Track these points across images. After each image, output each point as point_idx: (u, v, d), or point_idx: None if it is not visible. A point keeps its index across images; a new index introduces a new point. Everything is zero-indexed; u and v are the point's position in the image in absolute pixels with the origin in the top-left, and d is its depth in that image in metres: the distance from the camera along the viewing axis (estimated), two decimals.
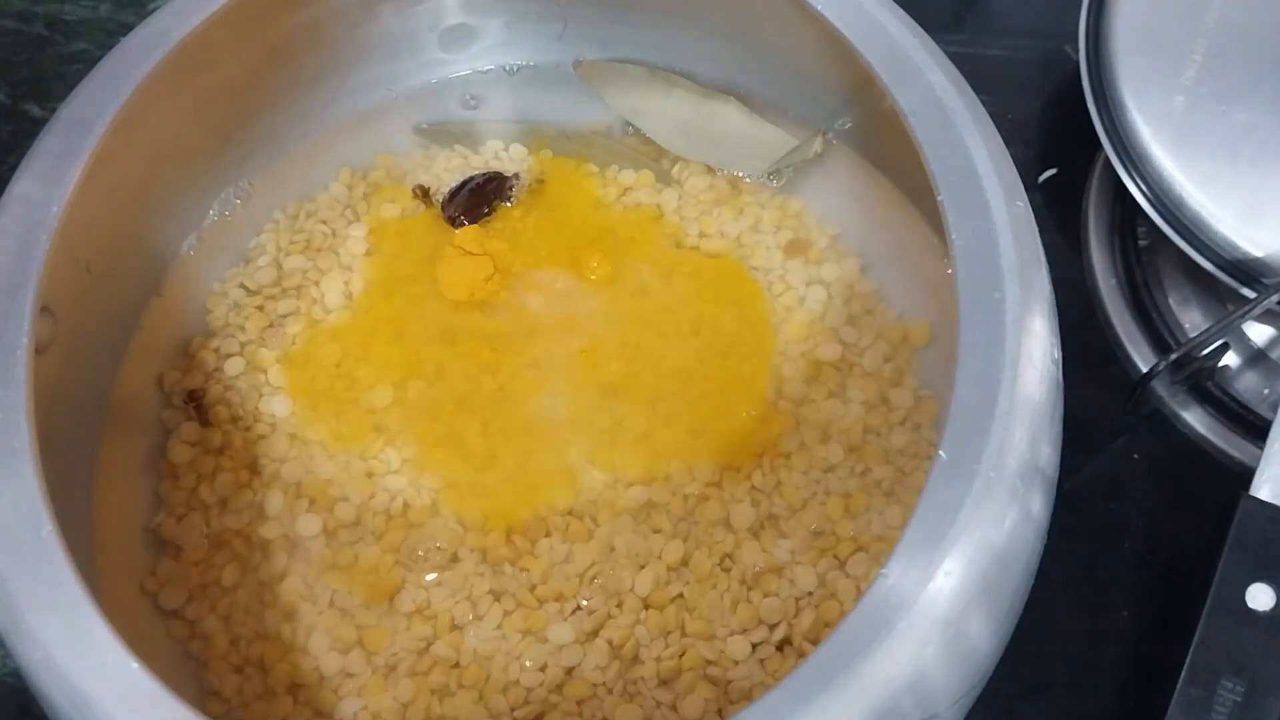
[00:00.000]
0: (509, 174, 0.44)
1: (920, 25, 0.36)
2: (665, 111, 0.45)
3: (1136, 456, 0.43)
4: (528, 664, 0.36)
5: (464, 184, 0.44)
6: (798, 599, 0.36)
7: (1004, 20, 0.53)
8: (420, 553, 0.38)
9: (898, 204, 0.42)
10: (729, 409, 0.39)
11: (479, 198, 0.43)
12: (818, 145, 0.43)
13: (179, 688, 0.28)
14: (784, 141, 0.44)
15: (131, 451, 0.40)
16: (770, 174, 0.43)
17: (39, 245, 0.33)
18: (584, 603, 0.37)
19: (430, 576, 0.37)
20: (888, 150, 0.42)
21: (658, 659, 0.36)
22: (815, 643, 0.34)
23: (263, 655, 0.37)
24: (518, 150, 0.45)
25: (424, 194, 0.44)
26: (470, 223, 0.43)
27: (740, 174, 0.44)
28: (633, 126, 0.45)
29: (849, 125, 0.43)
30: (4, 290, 0.32)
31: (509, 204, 0.44)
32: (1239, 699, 0.33)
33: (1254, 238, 0.39)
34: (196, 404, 0.40)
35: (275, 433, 0.40)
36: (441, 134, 0.46)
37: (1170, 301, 0.44)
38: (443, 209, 0.43)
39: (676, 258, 0.42)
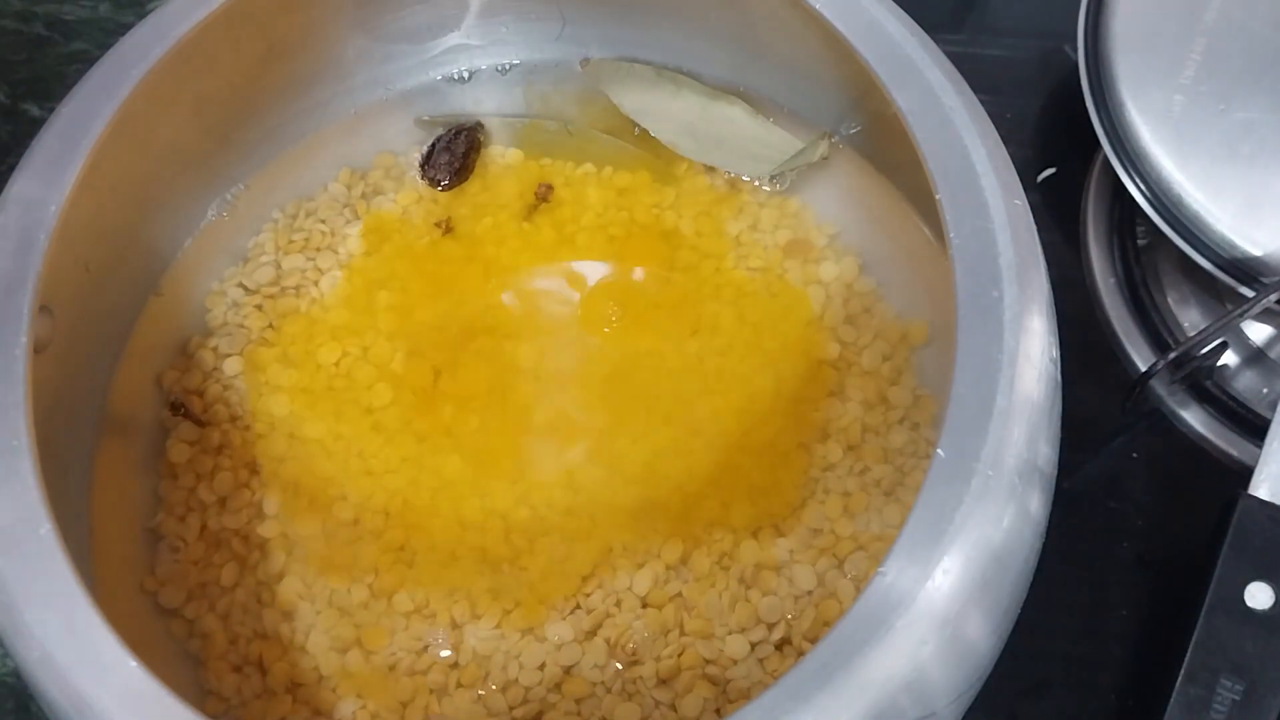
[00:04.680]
0: (470, 124, 0.44)
1: (919, 25, 0.36)
2: (672, 112, 0.45)
3: (1135, 455, 0.43)
4: (526, 663, 0.36)
5: (433, 146, 0.44)
6: (796, 598, 0.36)
7: (1003, 20, 0.53)
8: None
9: (896, 203, 0.42)
10: (727, 408, 0.39)
11: (452, 154, 0.44)
12: (824, 149, 0.43)
13: (177, 687, 0.28)
14: (790, 144, 0.43)
15: (130, 450, 0.40)
16: (774, 177, 0.43)
17: (37, 244, 0.33)
18: (582, 601, 0.37)
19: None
20: (886, 149, 0.42)
21: (656, 658, 0.36)
22: (814, 641, 0.34)
23: (261, 654, 0.37)
24: (515, 155, 0.45)
25: (446, 226, 0.44)
26: (453, 180, 0.43)
27: (746, 176, 0.43)
28: (638, 126, 0.45)
29: (856, 129, 0.43)
30: (2, 289, 0.32)
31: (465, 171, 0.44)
32: (1238, 698, 0.33)
33: (1253, 236, 0.39)
34: (185, 410, 0.40)
35: (274, 432, 0.40)
36: (450, 123, 0.46)
37: (1169, 300, 0.44)
38: (422, 174, 0.44)
39: (675, 258, 0.42)
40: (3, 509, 0.30)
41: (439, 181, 0.44)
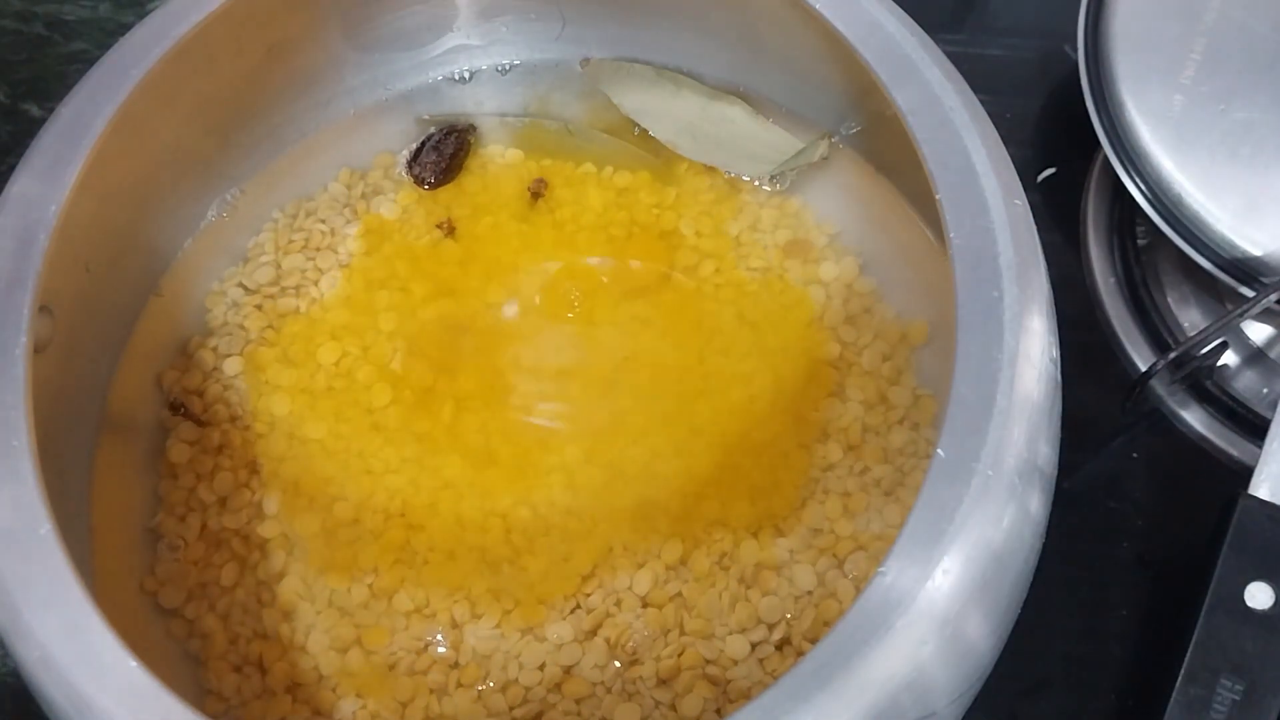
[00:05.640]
0: (462, 125, 0.44)
1: (919, 24, 0.36)
2: (672, 112, 0.45)
3: (1135, 455, 0.43)
4: (526, 663, 0.36)
5: (422, 144, 0.44)
6: (796, 598, 0.36)
7: (1003, 19, 0.53)
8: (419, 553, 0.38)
9: (896, 203, 0.42)
10: (727, 408, 0.39)
11: (440, 154, 0.44)
12: (824, 149, 0.43)
13: (177, 687, 0.28)
14: (790, 144, 0.43)
15: (130, 450, 0.40)
16: (774, 177, 0.43)
17: (38, 244, 0.33)
18: (582, 601, 0.37)
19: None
20: (886, 149, 0.42)
21: (656, 658, 0.36)
22: (814, 641, 0.34)
23: (261, 654, 0.37)
24: (515, 155, 0.45)
25: (449, 227, 0.43)
26: (439, 180, 0.44)
27: (746, 176, 0.43)
28: (638, 126, 0.45)
29: (857, 129, 0.43)
30: (3, 289, 0.32)
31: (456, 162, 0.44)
32: (1238, 698, 0.33)
33: (1252, 236, 0.39)
34: (185, 410, 0.40)
35: (274, 432, 0.40)
36: (444, 123, 0.46)
37: (1169, 300, 0.44)
38: (408, 171, 0.44)
39: (675, 258, 0.42)
40: (3, 509, 0.30)
41: (424, 180, 0.44)
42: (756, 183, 0.43)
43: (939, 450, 0.29)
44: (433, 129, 0.45)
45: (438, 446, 0.40)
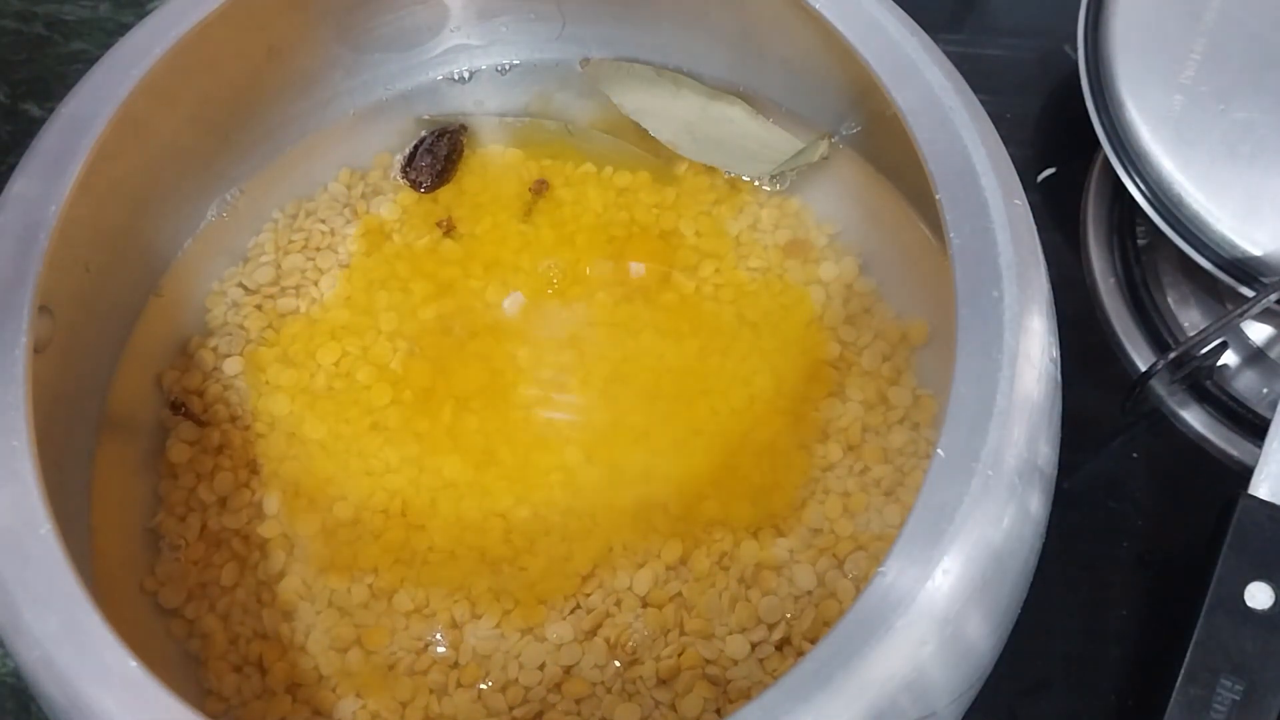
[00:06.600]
0: (453, 126, 0.45)
1: (919, 25, 0.36)
2: (672, 112, 0.45)
3: (1135, 455, 0.43)
4: (526, 663, 0.36)
5: (415, 148, 0.44)
6: (796, 598, 0.36)
7: (1003, 20, 0.53)
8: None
9: (896, 203, 0.42)
10: (727, 408, 0.39)
11: (434, 157, 0.44)
12: (824, 149, 0.43)
13: (177, 687, 0.28)
14: (790, 144, 0.43)
15: (130, 450, 0.40)
16: (774, 177, 0.43)
17: (38, 244, 0.33)
18: (582, 601, 0.37)
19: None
20: (886, 149, 0.42)
21: (656, 658, 0.36)
22: (814, 641, 0.34)
23: (261, 654, 0.37)
24: (514, 154, 0.45)
25: (448, 226, 0.44)
26: (434, 183, 0.44)
27: (746, 176, 0.43)
28: (639, 126, 0.45)
29: (857, 129, 0.43)
30: (2, 289, 0.32)
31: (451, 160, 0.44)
32: (1238, 698, 0.33)
33: (1253, 236, 0.39)
34: (185, 409, 0.40)
35: (274, 432, 0.40)
36: (439, 124, 0.46)
37: (1169, 300, 0.44)
38: (403, 175, 0.44)
39: (675, 258, 0.42)
40: (3, 509, 0.30)
41: (420, 184, 0.44)
42: (756, 183, 0.43)
43: (939, 450, 0.29)
44: (424, 132, 0.45)
45: (438, 446, 0.40)
